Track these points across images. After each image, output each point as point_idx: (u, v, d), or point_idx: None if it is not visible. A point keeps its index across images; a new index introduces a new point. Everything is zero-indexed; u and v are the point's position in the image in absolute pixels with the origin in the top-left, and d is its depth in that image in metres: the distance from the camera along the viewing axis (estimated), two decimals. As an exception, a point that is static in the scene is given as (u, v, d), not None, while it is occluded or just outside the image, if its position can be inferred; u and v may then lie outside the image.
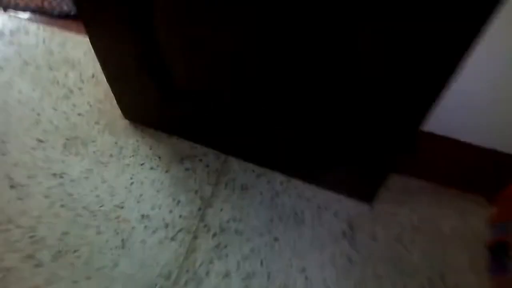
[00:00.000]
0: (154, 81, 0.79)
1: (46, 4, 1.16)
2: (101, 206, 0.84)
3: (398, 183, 0.88)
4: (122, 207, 0.84)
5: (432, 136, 0.80)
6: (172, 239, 0.81)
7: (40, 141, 0.92)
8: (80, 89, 1.01)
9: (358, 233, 0.83)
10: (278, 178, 0.89)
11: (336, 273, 0.78)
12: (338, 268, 0.79)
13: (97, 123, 0.95)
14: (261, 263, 0.79)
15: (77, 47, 1.09)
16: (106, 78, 0.84)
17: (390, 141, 0.65)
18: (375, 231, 0.83)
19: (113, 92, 0.88)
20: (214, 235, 0.82)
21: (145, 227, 0.82)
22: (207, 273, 0.77)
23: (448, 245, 0.83)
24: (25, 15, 1.16)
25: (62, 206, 0.84)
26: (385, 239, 0.82)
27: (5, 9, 1.15)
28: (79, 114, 0.97)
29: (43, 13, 1.15)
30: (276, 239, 0.82)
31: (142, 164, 0.90)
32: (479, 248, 0.82)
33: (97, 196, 0.85)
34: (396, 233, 0.83)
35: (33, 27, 1.13)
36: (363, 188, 0.82)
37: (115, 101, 0.93)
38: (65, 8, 1.15)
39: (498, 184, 0.83)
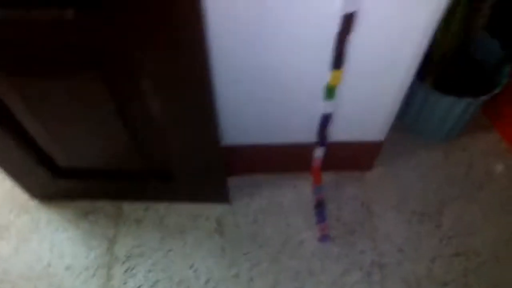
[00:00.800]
0: (45, 168, 1.05)
1: None
2: (32, 271, 1.10)
3: (244, 181, 1.21)
4: (49, 266, 1.10)
5: (252, 145, 1.13)
6: (93, 275, 1.09)
7: (-30, 237, 1.15)
8: (-9, 186, 1.24)
9: (225, 227, 1.15)
10: (161, 206, 1.18)
11: (215, 261, 1.09)
12: (216, 257, 1.10)
13: (12, 209, 1.19)
14: (163, 271, 1.09)
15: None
16: (8, 175, 1.08)
17: (209, 158, 0.98)
18: (237, 221, 1.16)
19: (17, 183, 1.13)
20: (123, 262, 1.10)
21: (71, 274, 1.09)
22: (124, 291, 1.06)
23: (289, 214, 1.17)
24: None
25: (0, 282, 1.08)
26: (245, 225, 1.15)
27: None
28: (-4, 206, 1.20)
29: None
30: (169, 251, 1.12)
31: (57, 229, 1.16)
32: (310, 209, 1.17)
33: (27, 264, 1.11)
34: (252, 219, 1.16)
35: None
36: (218, 193, 1.14)
37: (22, 189, 1.17)
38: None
39: (308, 161, 1.18)
